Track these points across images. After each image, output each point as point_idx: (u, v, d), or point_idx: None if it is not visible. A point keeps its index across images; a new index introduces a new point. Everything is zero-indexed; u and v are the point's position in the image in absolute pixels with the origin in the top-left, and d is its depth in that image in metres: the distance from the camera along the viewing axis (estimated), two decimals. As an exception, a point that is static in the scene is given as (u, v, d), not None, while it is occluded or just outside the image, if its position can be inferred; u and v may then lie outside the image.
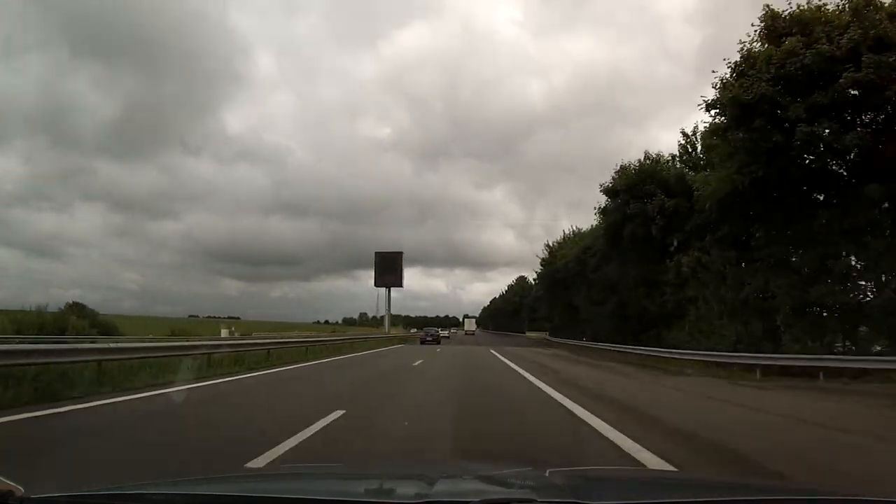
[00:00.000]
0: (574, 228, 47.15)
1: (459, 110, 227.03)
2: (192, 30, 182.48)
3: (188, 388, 9.69)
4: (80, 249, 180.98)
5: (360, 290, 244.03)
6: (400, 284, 70.13)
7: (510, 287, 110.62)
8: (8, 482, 1.59)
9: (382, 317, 70.52)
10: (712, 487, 2.60)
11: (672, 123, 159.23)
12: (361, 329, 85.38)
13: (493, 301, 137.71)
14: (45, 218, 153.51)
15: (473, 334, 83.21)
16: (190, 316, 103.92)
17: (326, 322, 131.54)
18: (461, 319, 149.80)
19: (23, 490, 1.58)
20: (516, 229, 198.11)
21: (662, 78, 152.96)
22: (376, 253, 70.15)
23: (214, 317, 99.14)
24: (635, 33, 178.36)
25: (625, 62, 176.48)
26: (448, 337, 60.97)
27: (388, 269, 68.64)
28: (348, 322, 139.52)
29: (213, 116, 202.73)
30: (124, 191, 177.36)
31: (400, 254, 70.41)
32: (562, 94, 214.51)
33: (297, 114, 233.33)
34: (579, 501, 1.60)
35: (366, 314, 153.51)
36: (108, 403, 8.14)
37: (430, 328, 55.71)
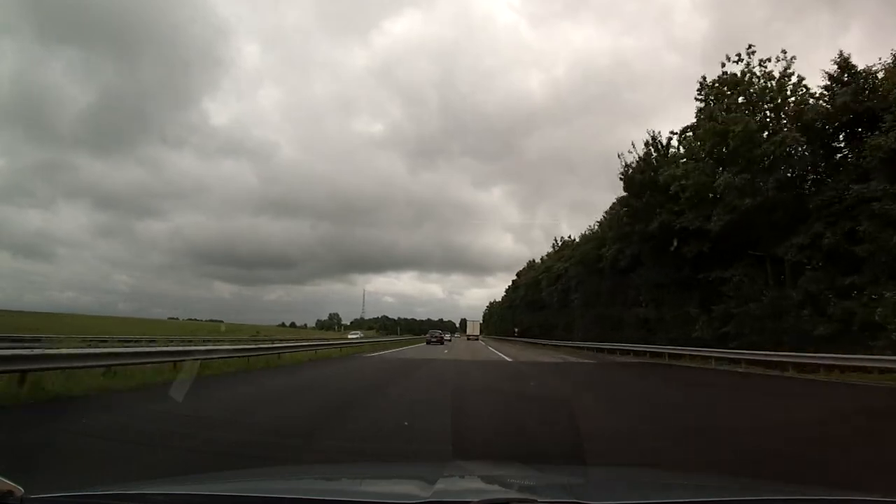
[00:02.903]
0: None
1: (456, 106, 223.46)
2: (171, 14, 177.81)
3: None
4: (68, 250, 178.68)
5: (353, 294, 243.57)
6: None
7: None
8: (8, 482, 1.59)
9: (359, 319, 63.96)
10: (712, 488, 2.60)
11: (678, 120, 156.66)
12: (308, 333, 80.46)
13: (523, 272, 78.33)
14: (29, 216, 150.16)
15: (477, 339, 73.08)
16: (169, 318, 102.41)
17: (293, 325, 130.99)
18: (458, 324, 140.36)
19: (23, 490, 1.58)
20: (515, 232, 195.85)
21: (668, 70, 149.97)
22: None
23: (195, 319, 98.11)
24: (640, 21, 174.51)
25: (629, 52, 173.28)
26: (450, 340, 62.28)
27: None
28: (321, 325, 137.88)
29: (196, 110, 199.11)
30: (108, 187, 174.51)
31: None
32: (563, 87, 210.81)
33: (285, 107, 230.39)
34: (579, 501, 1.60)
35: (337, 314, 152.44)
36: None
37: (435, 330, 61.19)
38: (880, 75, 19.97)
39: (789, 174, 23.08)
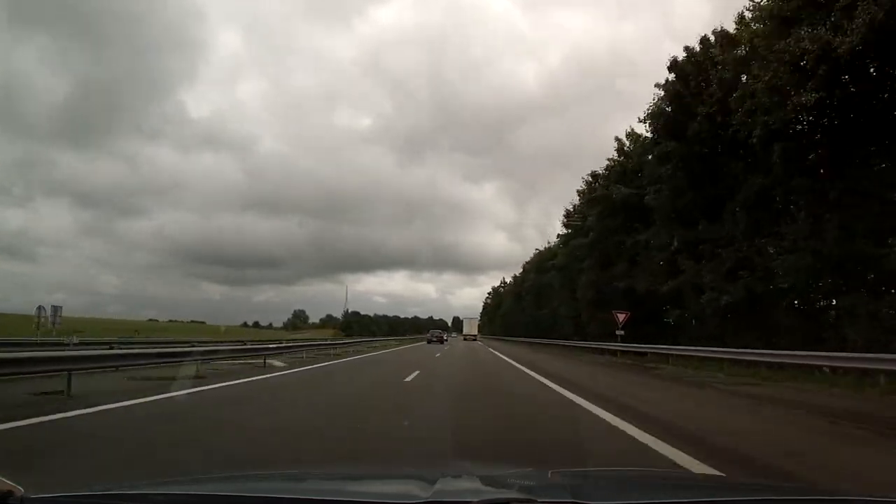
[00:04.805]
0: None
1: (446, 98, 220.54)
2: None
3: None
4: (52, 250, 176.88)
5: (341, 293, 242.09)
6: None
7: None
8: (8, 482, 1.59)
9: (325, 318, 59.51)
10: (712, 488, 2.61)
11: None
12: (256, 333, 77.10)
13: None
14: (10, 214, 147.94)
15: (475, 339, 69.16)
16: (150, 319, 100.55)
17: (256, 324, 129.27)
18: (450, 323, 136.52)
19: (23, 490, 1.58)
20: (508, 230, 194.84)
21: (667, 59, 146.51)
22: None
23: (176, 320, 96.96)
24: (638, 7, 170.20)
25: (626, 41, 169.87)
26: (447, 340, 62.89)
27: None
28: (287, 325, 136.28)
29: (178, 105, 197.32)
30: (88, 184, 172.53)
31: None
32: (557, 78, 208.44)
33: (269, 101, 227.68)
34: (579, 502, 1.59)
35: (303, 311, 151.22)
36: None
37: (436, 330, 65.52)
38: None
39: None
